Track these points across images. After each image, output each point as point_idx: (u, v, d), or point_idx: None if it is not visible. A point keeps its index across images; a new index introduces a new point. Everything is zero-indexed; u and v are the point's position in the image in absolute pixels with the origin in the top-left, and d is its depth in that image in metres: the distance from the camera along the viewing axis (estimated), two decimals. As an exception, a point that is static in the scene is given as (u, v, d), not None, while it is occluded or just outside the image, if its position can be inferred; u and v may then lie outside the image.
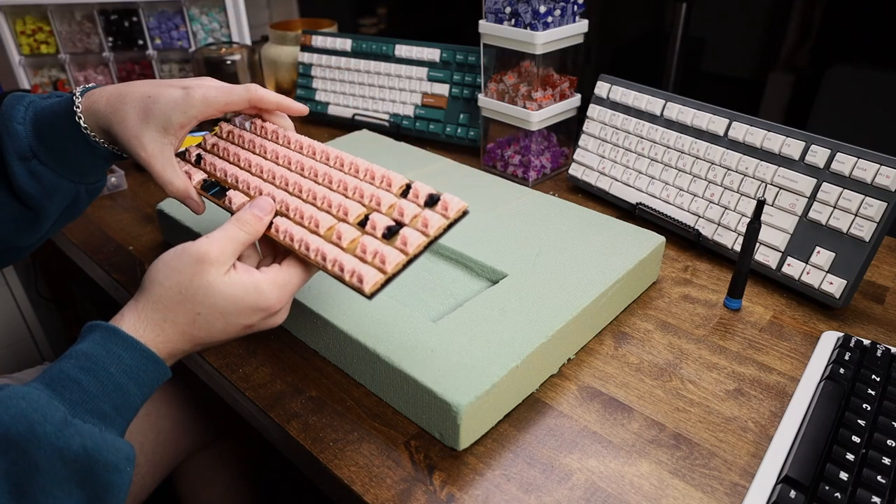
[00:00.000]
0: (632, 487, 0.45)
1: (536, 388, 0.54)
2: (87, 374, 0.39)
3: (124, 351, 0.41)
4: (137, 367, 0.41)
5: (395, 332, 0.52)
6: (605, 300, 0.58)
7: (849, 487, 0.42)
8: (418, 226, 0.43)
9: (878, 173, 0.58)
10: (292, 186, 0.49)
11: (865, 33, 0.96)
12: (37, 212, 0.52)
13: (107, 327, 0.42)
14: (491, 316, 0.54)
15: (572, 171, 0.86)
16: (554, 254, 0.63)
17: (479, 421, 0.48)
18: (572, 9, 0.81)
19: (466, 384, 0.47)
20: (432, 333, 0.52)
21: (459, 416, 0.45)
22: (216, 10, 1.17)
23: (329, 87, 1.08)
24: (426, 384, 0.47)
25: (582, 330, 0.57)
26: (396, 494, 0.45)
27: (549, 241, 0.65)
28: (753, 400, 0.53)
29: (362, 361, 0.53)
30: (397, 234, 0.43)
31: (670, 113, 0.74)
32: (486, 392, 0.47)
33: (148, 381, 0.42)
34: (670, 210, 0.74)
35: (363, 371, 0.54)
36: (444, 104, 0.98)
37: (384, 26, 1.64)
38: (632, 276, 0.61)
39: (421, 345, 0.51)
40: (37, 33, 1.13)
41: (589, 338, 0.59)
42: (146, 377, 0.42)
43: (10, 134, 0.49)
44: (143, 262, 0.73)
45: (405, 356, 0.50)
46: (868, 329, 0.61)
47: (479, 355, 0.49)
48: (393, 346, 0.51)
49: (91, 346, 0.41)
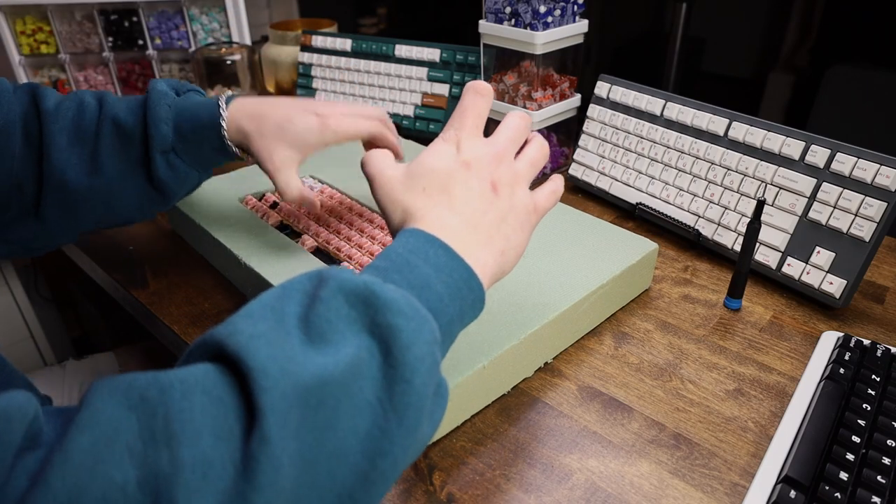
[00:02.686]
0: (632, 487, 0.45)
1: (508, 390, 0.54)
2: (378, 258, 0.39)
3: (409, 237, 0.39)
4: (422, 249, 0.38)
5: None
6: (586, 305, 0.58)
7: (849, 487, 0.42)
8: None
9: (878, 173, 0.59)
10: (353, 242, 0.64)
11: (865, 33, 0.96)
12: (166, 195, 0.59)
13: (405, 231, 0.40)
14: None
15: (572, 171, 0.86)
16: (541, 256, 0.62)
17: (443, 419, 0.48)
18: (572, 9, 0.81)
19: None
20: None
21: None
22: (216, 10, 1.17)
23: (329, 88, 1.08)
24: None
25: (561, 334, 0.57)
26: (396, 494, 0.45)
27: (539, 243, 0.64)
28: (753, 400, 0.53)
29: None
30: None
31: (670, 113, 0.75)
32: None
33: (441, 265, 0.38)
34: (670, 210, 0.74)
35: None
36: (444, 104, 0.98)
37: (384, 26, 1.64)
38: (619, 281, 0.61)
39: None
40: (37, 33, 1.13)
41: (570, 342, 0.59)
42: (437, 259, 0.38)
43: (157, 132, 0.55)
44: (143, 263, 0.73)
45: None
46: (868, 329, 0.61)
47: (448, 353, 0.49)
48: None
49: (393, 247, 0.39)
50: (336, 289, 0.33)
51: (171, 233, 0.79)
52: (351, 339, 0.32)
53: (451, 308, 0.38)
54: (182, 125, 0.56)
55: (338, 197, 0.72)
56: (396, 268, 0.37)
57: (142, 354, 0.84)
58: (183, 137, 0.57)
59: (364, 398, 0.31)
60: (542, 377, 0.55)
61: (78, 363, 0.82)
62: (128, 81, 1.19)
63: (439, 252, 0.38)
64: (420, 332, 0.33)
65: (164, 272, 0.71)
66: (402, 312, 0.33)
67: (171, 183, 0.57)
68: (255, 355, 0.29)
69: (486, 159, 0.43)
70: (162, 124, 0.55)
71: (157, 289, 0.68)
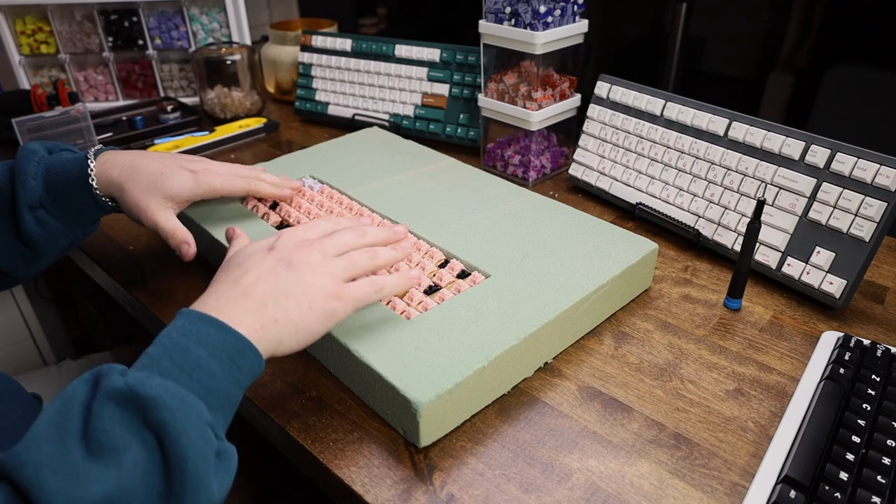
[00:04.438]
0: (632, 487, 0.45)
1: (508, 390, 0.53)
2: (156, 346, 0.40)
3: (183, 319, 0.42)
4: (194, 329, 0.41)
5: (368, 327, 0.52)
6: (587, 305, 0.58)
7: (849, 487, 0.42)
8: (453, 290, 0.58)
9: (878, 173, 0.59)
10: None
11: (865, 33, 0.96)
12: (38, 252, 0.59)
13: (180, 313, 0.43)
14: (466, 316, 0.54)
15: (572, 171, 0.86)
16: (541, 256, 0.62)
17: (442, 419, 0.48)
18: (572, 9, 0.81)
19: (429, 382, 0.47)
20: (405, 330, 0.52)
21: (419, 412, 0.45)
22: (216, 10, 1.17)
23: (329, 87, 1.08)
24: (389, 379, 0.47)
25: (561, 334, 0.56)
26: (396, 494, 0.45)
27: (539, 243, 0.64)
28: (753, 400, 0.53)
29: (334, 354, 0.53)
30: (437, 292, 0.57)
31: (670, 113, 0.75)
32: (447, 391, 0.47)
33: (211, 342, 0.40)
34: (670, 210, 0.74)
35: (336, 364, 0.54)
36: (444, 104, 0.98)
37: (384, 26, 1.64)
38: (619, 281, 0.60)
39: (391, 340, 0.51)
40: (37, 33, 1.13)
41: (570, 342, 0.58)
42: (207, 337, 0.41)
43: (24, 187, 0.56)
44: (143, 263, 0.73)
45: (374, 350, 0.50)
46: (868, 329, 0.61)
47: (447, 354, 0.49)
48: (363, 340, 0.51)
49: (164, 331, 0.42)
50: (105, 398, 0.36)
51: (171, 233, 0.79)
52: (130, 441, 0.35)
53: (225, 381, 0.40)
54: (51, 179, 0.57)
55: (337, 197, 0.72)
56: (168, 354, 0.39)
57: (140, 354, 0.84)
58: (52, 192, 0.57)
59: (149, 495, 0.35)
60: (542, 377, 0.55)
61: (75, 363, 0.81)
62: (128, 81, 1.19)
63: (210, 330, 0.41)
64: (187, 420, 0.36)
65: (164, 272, 0.71)
66: (165, 406, 0.36)
67: (40, 240, 0.58)
68: (44, 488, 0.32)
69: (293, 242, 0.48)
70: (30, 179, 0.56)
71: (157, 289, 0.68)
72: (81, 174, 0.57)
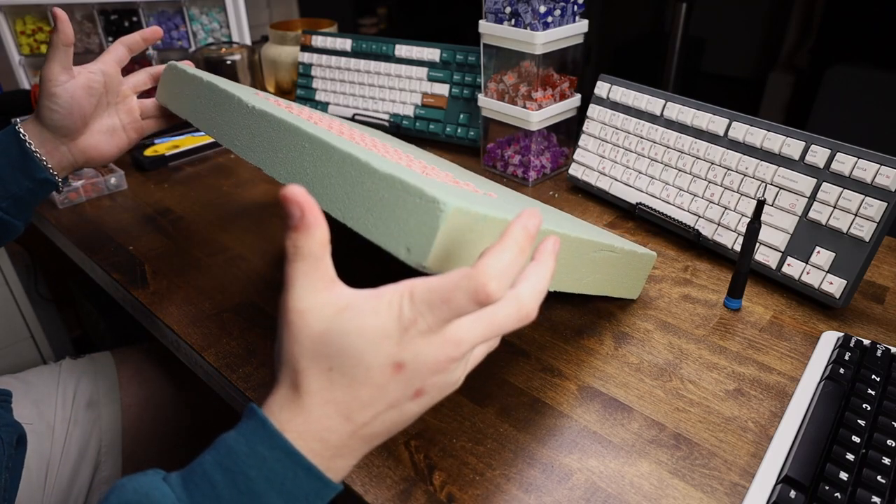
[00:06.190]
0: (632, 487, 0.45)
1: None
2: (223, 472, 0.33)
3: (267, 450, 0.33)
4: (282, 474, 0.33)
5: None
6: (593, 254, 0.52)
7: (849, 487, 0.42)
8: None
9: (878, 173, 0.59)
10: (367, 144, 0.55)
11: (865, 33, 0.96)
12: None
13: (257, 416, 0.34)
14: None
15: (572, 171, 0.86)
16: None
17: (455, 249, 0.38)
18: (572, 9, 0.81)
19: (457, 197, 0.38)
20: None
21: (444, 216, 0.35)
22: (216, 10, 1.17)
23: (329, 87, 1.08)
24: (412, 182, 0.38)
25: (566, 263, 0.50)
26: (396, 494, 0.45)
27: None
28: (753, 400, 0.53)
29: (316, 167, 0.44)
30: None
31: (670, 113, 0.75)
32: (477, 214, 0.38)
33: (297, 492, 0.33)
34: (670, 210, 0.74)
35: (314, 177, 0.45)
36: (444, 104, 0.98)
37: (384, 26, 1.64)
38: (623, 259, 0.57)
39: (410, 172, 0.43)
40: (37, 33, 1.13)
41: (568, 285, 0.52)
42: (293, 487, 0.33)
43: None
44: (143, 263, 0.73)
45: (385, 162, 0.42)
46: (868, 329, 0.61)
47: (474, 198, 0.43)
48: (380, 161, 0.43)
49: (237, 439, 0.34)
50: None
51: (171, 233, 0.79)
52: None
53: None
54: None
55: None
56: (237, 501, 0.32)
57: (140, 354, 0.84)
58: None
59: None
60: (542, 377, 0.55)
61: (74, 362, 0.81)
62: (128, 81, 1.19)
63: (300, 477, 0.33)
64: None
65: (164, 272, 0.71)
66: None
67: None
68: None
69: (429, 365, 0.33)
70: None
71: (157, 289, 0.68)
72: (9, 133, 0.61)
